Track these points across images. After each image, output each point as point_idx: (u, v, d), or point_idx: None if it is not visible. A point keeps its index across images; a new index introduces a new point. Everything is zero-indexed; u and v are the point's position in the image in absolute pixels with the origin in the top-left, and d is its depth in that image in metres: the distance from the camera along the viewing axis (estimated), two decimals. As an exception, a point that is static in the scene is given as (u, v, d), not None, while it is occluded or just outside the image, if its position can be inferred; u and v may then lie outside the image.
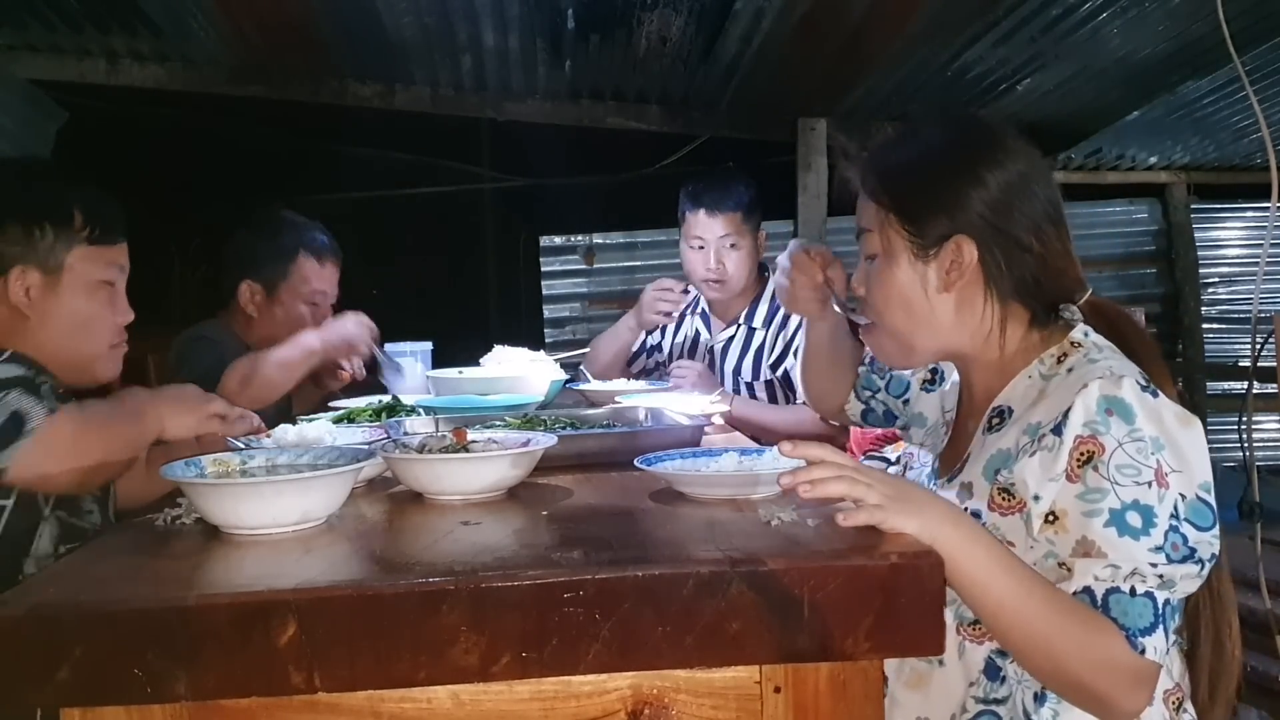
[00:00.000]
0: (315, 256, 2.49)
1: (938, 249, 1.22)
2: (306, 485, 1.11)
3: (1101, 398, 1.09)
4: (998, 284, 1.21)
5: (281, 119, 5.59)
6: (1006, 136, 1.24)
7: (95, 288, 1.67)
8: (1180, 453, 1.08)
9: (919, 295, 1.23)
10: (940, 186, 1.22)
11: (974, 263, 1.21)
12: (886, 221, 1.25)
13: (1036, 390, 1.19)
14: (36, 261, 1.62)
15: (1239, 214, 5.83)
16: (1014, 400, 1.21)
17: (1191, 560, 1.06)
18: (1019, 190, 1.21)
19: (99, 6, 3.72)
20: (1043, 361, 1.21)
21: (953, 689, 1.18)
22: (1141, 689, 1.06)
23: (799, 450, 1.08)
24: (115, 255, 1.71)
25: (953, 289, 1.22)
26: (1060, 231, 1.23)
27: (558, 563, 0.94)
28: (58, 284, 1.63)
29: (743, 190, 2.74)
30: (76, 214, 1.64)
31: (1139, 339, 1.24)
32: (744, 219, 2.71)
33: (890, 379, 1.54)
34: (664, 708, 0.94)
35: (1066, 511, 1.09)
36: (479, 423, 1.68)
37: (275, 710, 0.92)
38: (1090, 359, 1.16)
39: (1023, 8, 3.52)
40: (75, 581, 0.96)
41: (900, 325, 1.26)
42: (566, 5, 3.63)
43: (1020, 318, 1.23)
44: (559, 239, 5.50)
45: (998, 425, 1.21)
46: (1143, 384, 1.11)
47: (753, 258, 2.75)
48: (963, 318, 1.23)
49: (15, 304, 1.61)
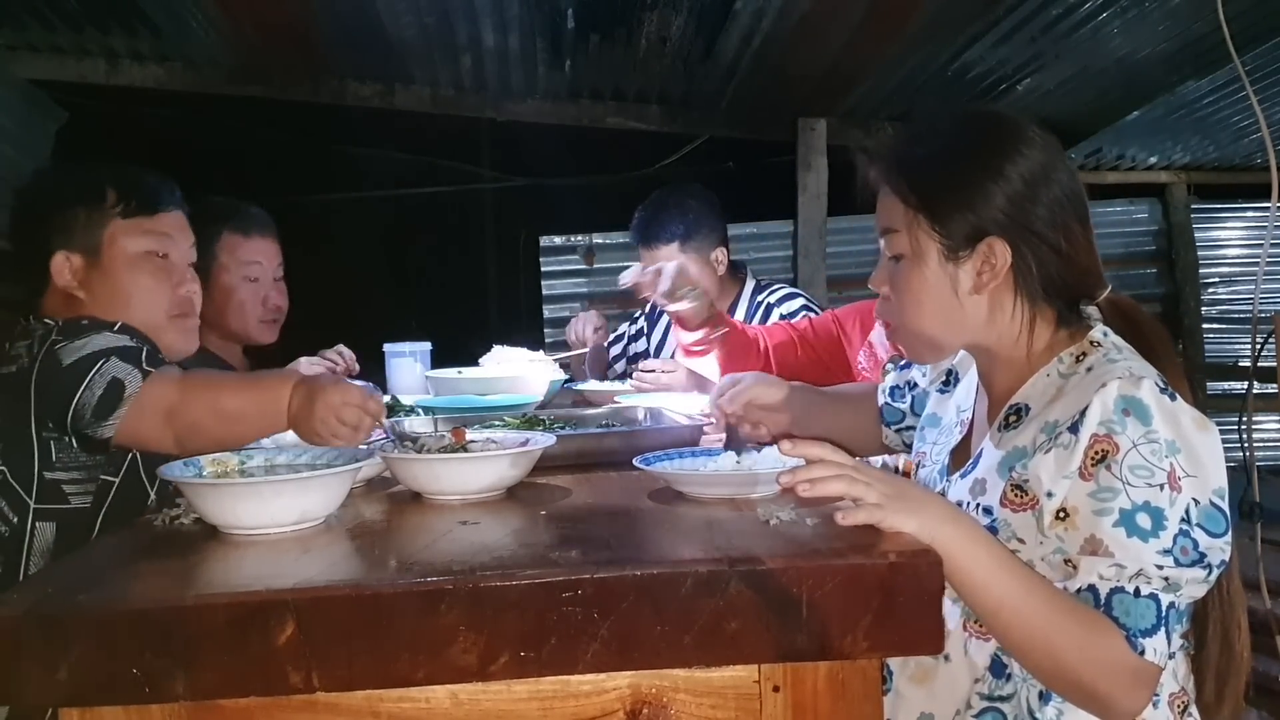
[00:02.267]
0: (240, 231, 2.38)
1: (969, 250, 1.20)
2: (305, 485, 1.11)
3: (1120, 398, 1.08)
4: (1028, 285, 1.20)
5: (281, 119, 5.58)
6: (1028, 129, 1.22)
7: (140, 260, 1.70)
8: (1196, 457, 1.07)
9: (949, 297, 1.21)
10: (968, 186, 1.20)
11: (1007, 264, 1.19)
12: (915, 222, 1.22)
13: (1054, 389, 1.18)
14: (76, 244, 1.67)
15: (1239, 214, 5.83)
16: (1031, 398, 1.21)
17: (1200, 565, 1.05)
18: (1044, 185, 1.19)
19: (99, 6, 3.72)
20: (1061, 360, 1.20)
21: (958, 685, 1.18)
22: (1141, 690, 1.06)
23: (798, 449, 1.08)
24: (157, 225, 1.73)
25: (984, 290, 1.21)
26: (1085, 226, 1.22)
27: (556, 562, 0.94)
28: (100, 262, 1.68)
29: (673, 219, 2.72)
30: (109, 191, 1.69)
31: (1158, 338, 1.23)
32: (683, 247, 2.71)
33: (913, 399, 1.53)
34: (663, 707, 0.94)
35: (1077, 509, 1.08)
36: (478, 423, 1.69)
37: (274, 710, 0.92)
38: (1110, 359, 1.16)
39: (1023, 8, 3.52)
40: (75, 581, 0.96)
41: (929, 327, 1.24)
42: (566, 5, 3.63)
43: (1048, 317, 1.23)
44: (559, 239, 5.50)
45: (1014, 423, 1.21)
46: (1161, 386, 1.10)
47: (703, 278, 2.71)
48: (994, 318, 1.22)
49: (64, 287, 1.67)
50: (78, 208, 1.68)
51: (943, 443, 1.39)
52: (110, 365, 1.47)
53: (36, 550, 1.54)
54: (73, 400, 1.47)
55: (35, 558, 1.53)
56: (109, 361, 1.47)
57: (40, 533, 1.54)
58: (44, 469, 1.54)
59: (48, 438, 1.53)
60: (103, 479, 1.57)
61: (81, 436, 1.50)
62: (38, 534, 1.54)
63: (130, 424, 1.46)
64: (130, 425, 1.46)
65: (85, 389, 1.46)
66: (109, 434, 1.47)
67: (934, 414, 1.45)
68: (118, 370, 1.47)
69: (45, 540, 1.54)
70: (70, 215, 1.68)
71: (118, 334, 1.54)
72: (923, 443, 1.45)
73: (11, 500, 1.54)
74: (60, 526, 1.55)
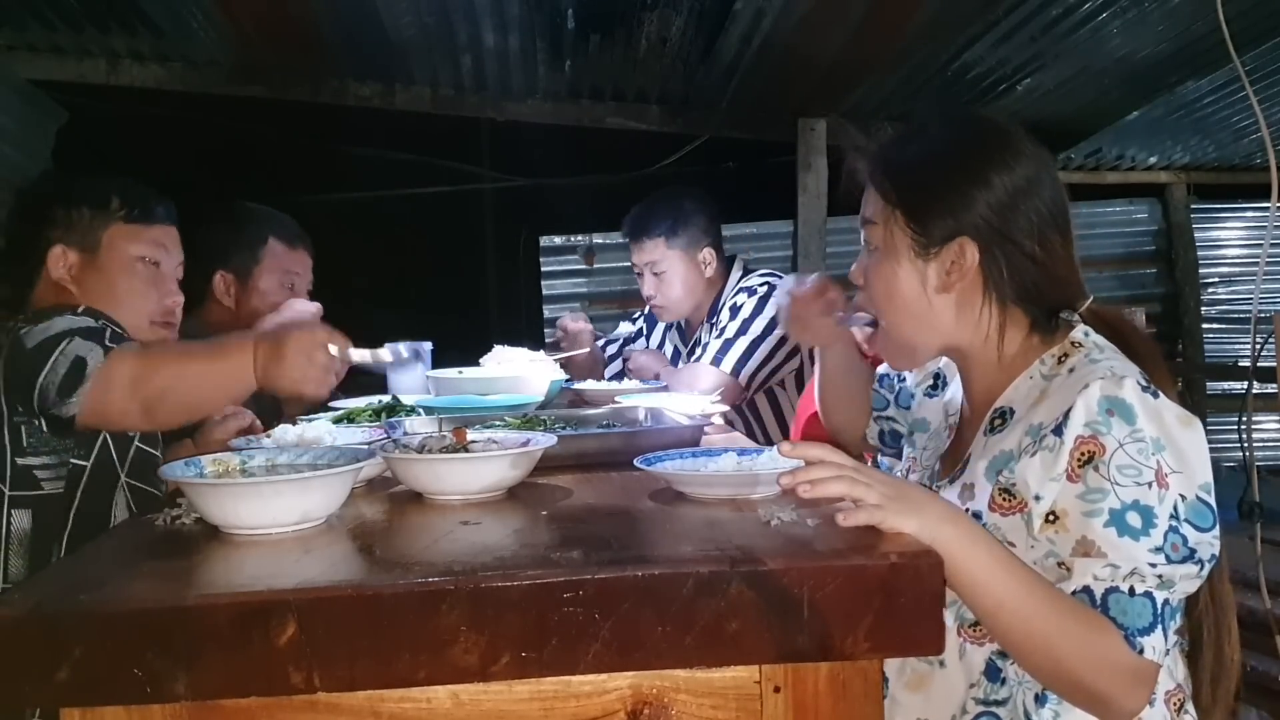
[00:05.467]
0: (285, 241, 2.45)
1: (940, 249, 1.22)
2: (306, 485, 1.11)
3: (1103, 398, 1.09)
4: (998, 288, 1.22)
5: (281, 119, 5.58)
6: (1018, 139, 1.24)
7: (134, 264, 1.78)
8: (1181, 453, 1.08)
9: (918, 293, 1.23)
10: (948, 187, 1.22)
11: (975, 265, 1.21)
12: (892, 217, 1.24)
13: (1038, 390, 1.19)
14: (75, 241, 1.75)
15: (1239, 214, 5.84)
16: (1016, 401, 1.21)
17: (1191, 561, 1.06)
18: (1026, 195, 1.20)
19: (99, 6, 3.72)
20: (1043, 362, 1.21)
21: (953, 690, 1.18)
22: (1140, 688, 1.06)
23: (798, 451, 1.08)
24: (154, 235, 1.81)
25: (952, 289, 1.23)
26: (1065, 239, 1.23)
27: (557, 563, 0.94)
28: (96, 260, 1.76)
29: (661, 214, 2.75)
30: (113, 197, 1.78)
31: (1139, 341, 1.24)
32: (668, 243, 2.74)
33: (899, 391, 1.53)
34: (664, 707, 0.94)
35: (1067, 511, 1.09)
36: (479, 423, 1.68)
37: (275, 710, 0.92)
38: (1091, 359, 1.16)
39: (1023, 8, 3.52)
40: (75, 581, 0.95)
41: (899, 322, 1.27)
42: (566, 5, 3.63)
43: (1020, 322, 1.23)
44: (559, 239, 5.50)
45: (999, 426, 1.21)
46: (1144, 384, 1.11)
47: (688, 277, 2.77)
48: (962, 318, 1.24)
49: (58, 280, 1.74)
50: (83, 207, 1.75)
51: (931, 447, 1.39)
52: (73, 345, 1.49)
53: (14, 538, 1.56)
54: (38, 380, 1.48)
55: (13, 545, 1.56)
56: (72, 341, 1.49)
57: (16, 520, 1.57)
58: (15, 455, 1.56)
59: (18, 422, 1.55)
60: (73, 463, 1.60)
61: (49, 417, 1.51)
62: (14, 521, 1.57)
63: (94, 399, 1.46)
64: (94, 400, 1.46)
65: (49, 369, 1.47)
66: (74, 411, 1.47)
67: (923, 418, 1.46)
68: (80, 349, 1.48)
69: (21, 528, 1.57)
70: (75, 213, 1.74)
71: (81, 315, 1.56)
72: (912, 448, 1.46)
73: None
74: (35, 513, 1.58)
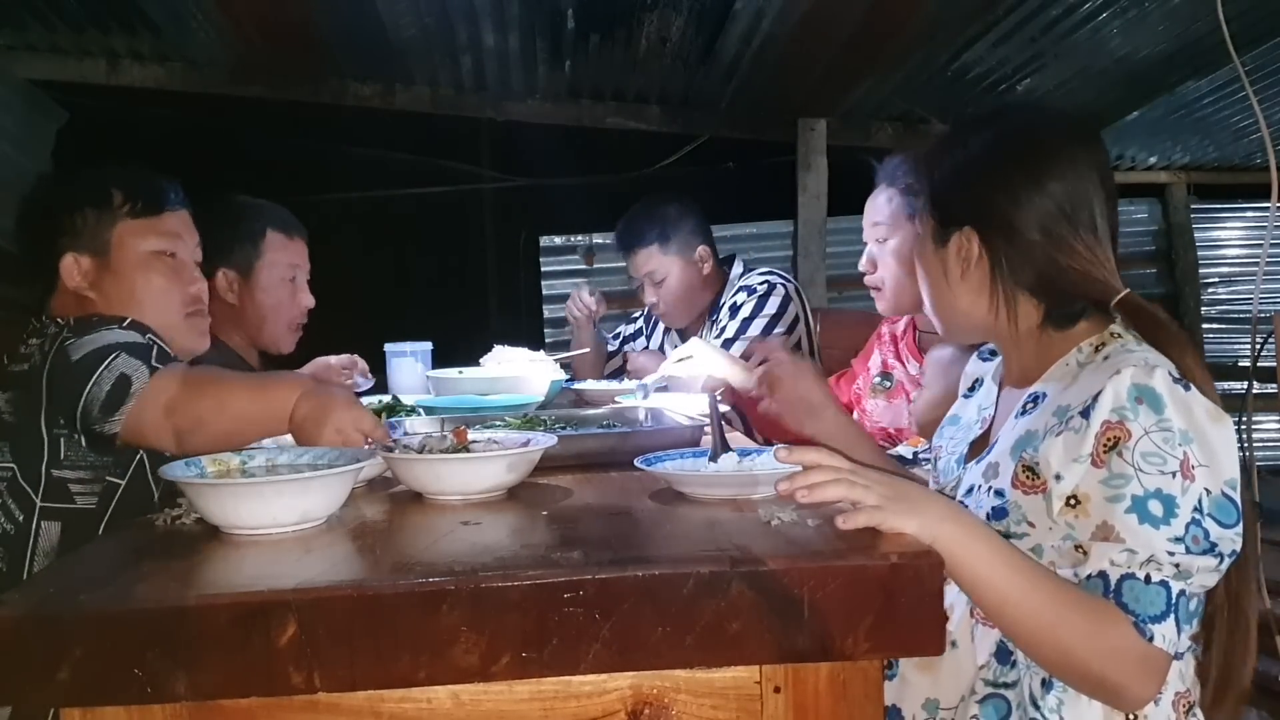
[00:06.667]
0: (283, 231, 2.41)
1: (950, 237, 1.28)
2: (306, 485, 1.11)
3: (1133, 385, 1.09)
4: (1003, 278, 1.25)
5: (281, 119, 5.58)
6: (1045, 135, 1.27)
7: (149, 259, 1.71)
8: (1209, 447, 1.08)
9: (939, 279, 1.31)
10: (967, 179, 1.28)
11: (978, 254, 1.25)
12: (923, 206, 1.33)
13: (1071, 376, 1.20)
14: (85, 246, 1.68)
15: (1239, 214, 5.83)
16: (1049, 387, 1.23)
17: (1211, 554, 1.06)
18: (1034, 190, 1.22)
19: (99, 6, 3.72)
20: (1080, 350, 1.23)
21: (963, 671, 1.19)
22: (1151, 676, 1.06)
23: (795, 455, 1.08)
24: (164, 225, 1.74)
25: (965, 277, 1.27)
26: (1088, 236, 1.23)
27: (557, 563, 0.94)
28: (109, 262, 1.69)
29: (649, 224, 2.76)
30: (115, 193, 1.70)
31: (1172, 335, 1.21)
32: (662, 250, 2.76)
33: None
34: (664, 708, 0.94)
35: (1089, 496, 1.09)
36: (479, 423, 1.68)
37: (275, 710, 0.92)
38: (1128, 349, 1.17)
39: (1023, 8, 3.53)
40: (76, 581, 0.95)
41: (931, 305, 1.36)
42: (566, 5, 3.63)
43: (1030, 313, 1.25)
44: (559, 239, 5.50)
45: (1030, 409, 1.23)
46: (1175, 376, 1.11)
47: (687, 278, 2.78)
48: (979, 304, 1.28)
49: (74, 289, 1.67)
50: (85, 209, 1.68)
51: (960, 436, 1.41)
52: (119, 361, 1.47)
53: (41, 550, 1.53)
54: (82, 395, 1.46)
55: (40, 558, 1.53)
56: (118, 357, 1.47)
57: (45, 532, 1.54)
58: (52, 466, 1.53)
59: (58, 435, 1.53)
60: (109, 480, 1.57)
61: (90, 433, 1.50)
62: (43, 533, 1.54)
63: (134, 419, 1.45)
64: (134, 420, 1.46)
65: (94, 384, 1.46)
66: (115, 429, 1.46)
67: (955, 415, 1.48)
68: (126, 366, 1.46)
69: (50, 540, 1.54)
70: (78, 217, 1.68)
71: (127, 330, 1.54)
72: (940, 438, 1.48)
73: (19, 498, 1.54)
74: (65, 527, 1.55)
